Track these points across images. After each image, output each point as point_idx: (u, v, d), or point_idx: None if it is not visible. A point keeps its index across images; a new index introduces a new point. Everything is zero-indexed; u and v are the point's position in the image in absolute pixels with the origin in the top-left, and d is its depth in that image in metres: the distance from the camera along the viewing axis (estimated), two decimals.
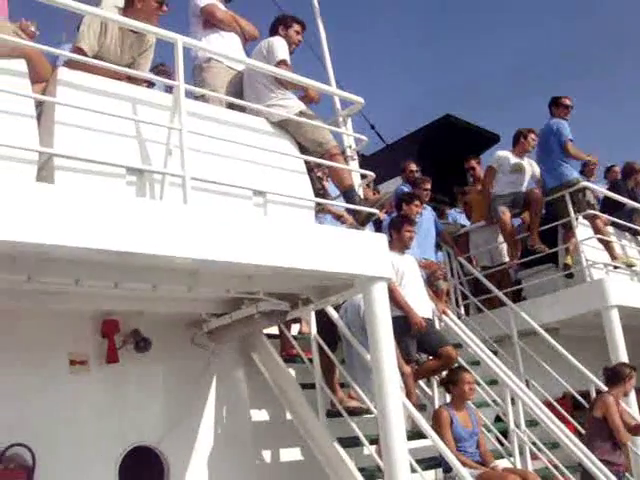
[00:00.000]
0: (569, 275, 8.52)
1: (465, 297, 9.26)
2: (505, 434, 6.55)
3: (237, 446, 5.76)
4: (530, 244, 8.65)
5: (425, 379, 6.88)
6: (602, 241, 8.73)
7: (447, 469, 5.48)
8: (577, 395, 7.51)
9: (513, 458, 6.26)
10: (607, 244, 8.81)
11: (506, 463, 6.18)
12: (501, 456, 6.29)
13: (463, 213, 10.21)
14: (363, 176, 5.80)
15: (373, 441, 5.35)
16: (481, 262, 9.55)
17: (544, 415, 6.23)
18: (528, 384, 7.44)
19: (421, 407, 6.19)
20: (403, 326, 6.11)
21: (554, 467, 6.20)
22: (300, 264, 4.26)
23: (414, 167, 9.43)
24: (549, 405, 6.96)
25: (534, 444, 6.39)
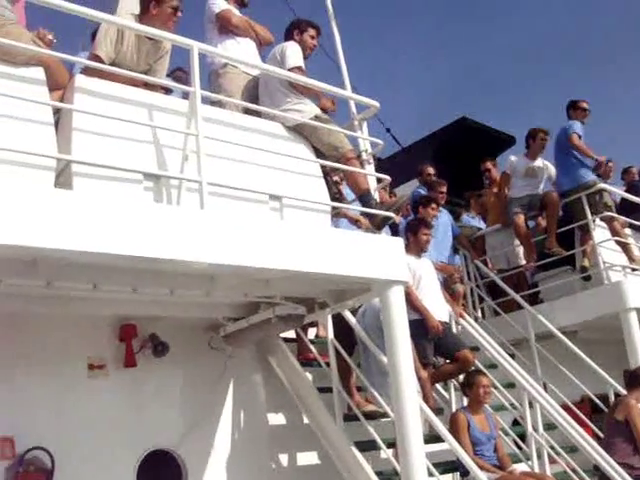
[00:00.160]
0: (587, 278, 8.47)
1: (482, 300, 9.24)
2: (523, 438, 6.52)
3: (254, 450, 5.77)
4: (547, 247, 8.63)
5: (442, 383, 6.87)
6: (620, 243, 8.70)
7: (464, 473, 5.46)
8: (595, 399, 7.47)
9: (531, 462, 6.24)
10: (625, 246, 8.79)
11: (524, 467, 6.15)
12: (519, 460, 6.27)
13: (476, 217, 10.18)
14: (379, 180, 5.80)
15: (390, 445, 5.34)
16: (497, 265, 9.52)
17: (562, 418, 6.19)
18: (546, 387, 7.40)
19: (438, 411, 6.17)
20: (420, 329, 6.12)
21: (572, 471, 6.17)
22: (317, 268, 4.27)
23: (431, 170, 9.41)
24: (567, 409, 6.91)
25: (552, 448, 6.35)
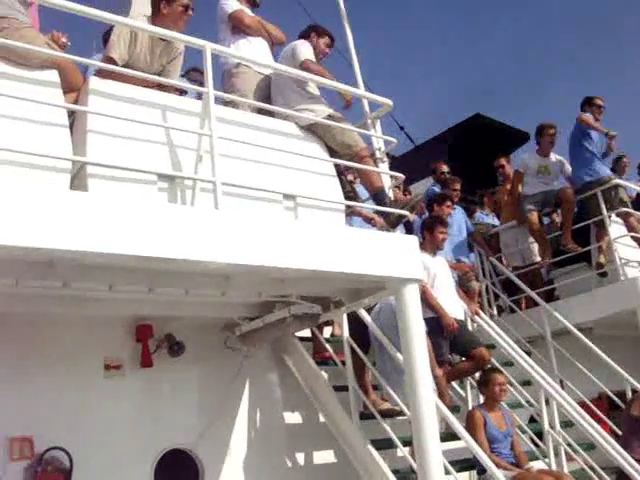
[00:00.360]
0: (602, 274, 8.42)
1: (497, 297, 9.21)
2: (540, 435, 6.50)
3: (271, 448, 5.79)
4: (563, 243, 8.60)
5: (458, 380, 6.85)
6: (636, 239, 8.64)
7: (481, 471, 5.46)
8: (613, 395, 7.43)
9: (548, 459, 6.21)
10: None
11: (541, 464, 6.12)
12: (536, 457, 6.24)
13: (490, 214, 10.15)
14: (393, 178, 5.80)
15: (406, 443, 5.33)
16: (512, 262, 9.49)
17: (579, 416, 6.17)
18: (562, 384, 7.37)
19: (454, 408, 6.16)
20: (436, 327, 6.11)
21: (590, 468, 6.14)
22: (332, 267, 4.25)
23: (445, 168, 9.40)
24: (584, 406, 6.88)
25: (569, 445, 6.32)
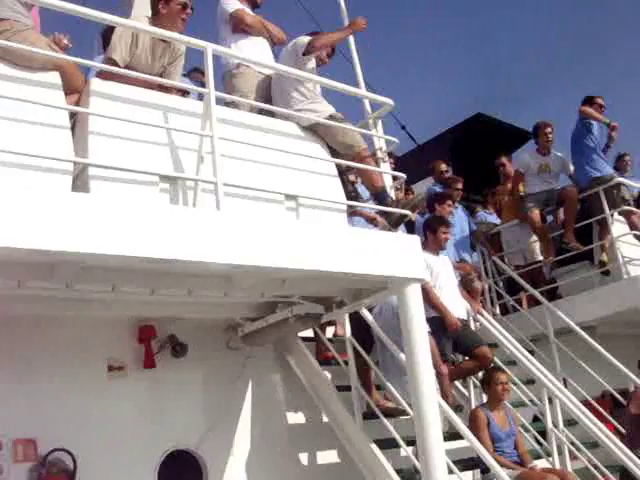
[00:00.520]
0: (605, 272, 8.42)
1: (500, 296, 9.20)
2: (543, 434, 6.49)
3: (274, 449, 5.77)
4: (565, 242, 8.58)
5: (461, 380, 6.85)
6: (638, 237, 8.63)
7: (485, 470, 5.46)
8: (616, 394, 7.43)
9: (552, 458, 6.21)
10: None
11: (545, 463, 6.13)
12: (539, 456, 6.25)
13: (493, 213, 10.14)
14: (395, 177, 5.79)
15: (410, 442, 5.32)
16: (514, 261, 9.47)
17: (582, 414, 6.16)
18: (566, 383, 7.37)
19: (458, 408, 6.16)
20: (439, 327, 6.10)
21: (594, 467, 6.13)
22: (334, 267, 4.25)
23: (444, 167, 9.40)
24: (588, 404, 6.88)
25: (573, 444, 6.32)
